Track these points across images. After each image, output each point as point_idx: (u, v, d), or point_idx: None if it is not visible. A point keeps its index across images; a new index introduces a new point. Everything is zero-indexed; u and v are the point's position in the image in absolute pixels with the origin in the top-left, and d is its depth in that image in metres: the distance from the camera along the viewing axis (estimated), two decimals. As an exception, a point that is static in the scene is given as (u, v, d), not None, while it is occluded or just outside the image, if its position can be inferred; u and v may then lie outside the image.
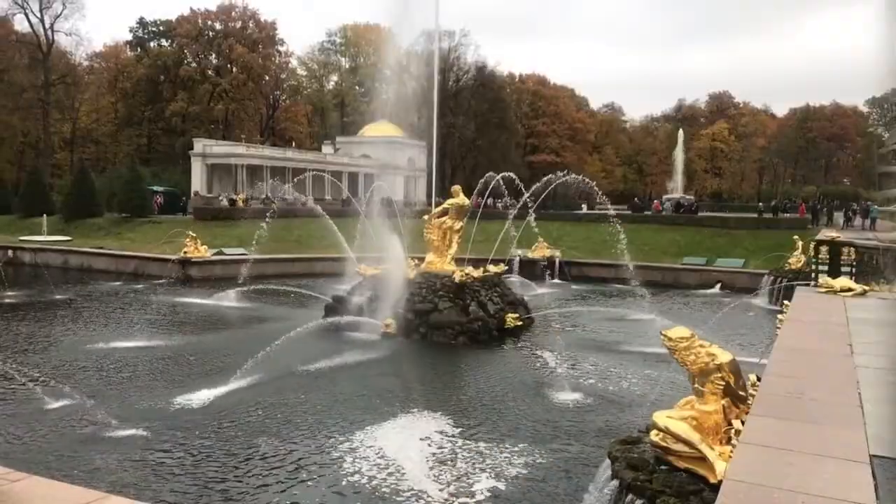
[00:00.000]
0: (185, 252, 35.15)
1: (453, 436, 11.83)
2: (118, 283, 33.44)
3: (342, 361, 17.35)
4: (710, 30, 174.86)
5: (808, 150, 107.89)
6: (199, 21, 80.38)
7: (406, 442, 11.40)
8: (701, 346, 7.13)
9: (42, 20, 68.67)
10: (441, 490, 9.66)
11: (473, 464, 10.68)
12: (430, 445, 11.36)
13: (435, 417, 12.75)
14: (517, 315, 21.50)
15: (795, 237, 32.39)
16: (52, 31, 69.70)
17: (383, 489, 9.61)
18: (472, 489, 9.74)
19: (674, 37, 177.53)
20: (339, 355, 17.70)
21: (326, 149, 77.17)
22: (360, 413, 13.00)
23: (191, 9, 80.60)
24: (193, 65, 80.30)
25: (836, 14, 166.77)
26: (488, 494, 9.61)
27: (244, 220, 40.60)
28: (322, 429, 12.05)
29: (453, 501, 9.38)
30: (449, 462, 10.69)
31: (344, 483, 9.81)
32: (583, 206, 57.86)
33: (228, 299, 26.61)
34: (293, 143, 78.64)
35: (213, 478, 9.99)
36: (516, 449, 11.21)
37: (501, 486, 9.87)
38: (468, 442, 11.54)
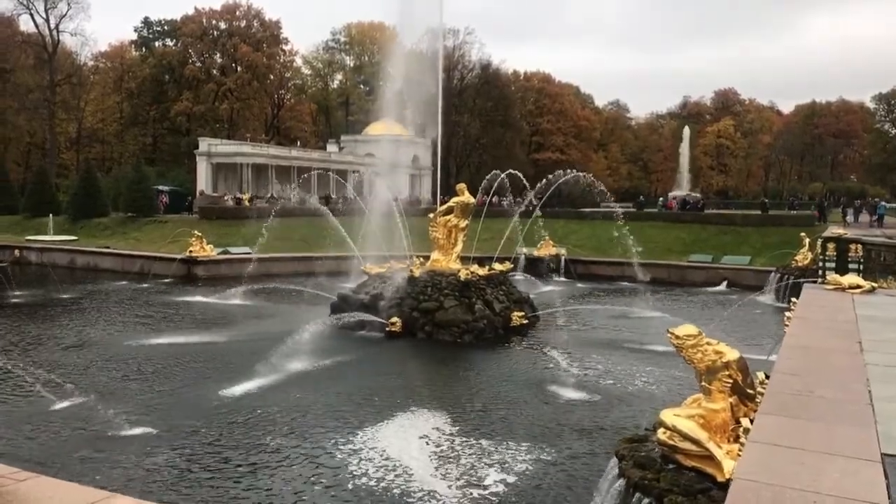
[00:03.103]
0: (190, 251, 35.24)
1: (458, 434, 11.80)
2: (124, 282, 33.52)
3: (347, 359, 17.37)
4: (715, 26, 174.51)
5: (815, 147, 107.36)
6: (204, 20, 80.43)
7: (411, 441, 11.38)
8: (708, 343, 7.10)
9: (47, 20, 68.91)
10: (449, 487, 9.65)
11: (480, 459, 10.67)
12: (433, 444, 11.33)
13: (440, 416, 12.71)
14: (523, 313, 21.46)
15: (802, 234, 32.27)
16: (58, 32, 69.95)
17: (394, 490, 9.58)
18: (479, 487, 9.71)
19: (679, 34, 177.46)
20: (344, 353, 17.71)
21: (331, 147, 77.20)
22: (365, 412, 12.98)
23: (195, 8, 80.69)
24: (198, 64, 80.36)
25: (842, 11, 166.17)
26: (495, 492, 9.58)
27: (248, 219, 40.63)
28: (326, 428, 12.03)
29: (461, 498, 9.35)
30: (454, 460, 10.66)
31: (350, 486, 9.78)
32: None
33: (234, 298, 26.64)
34: (298, 142, 78.65)
35: (220, 478, 9.99)
36: (522, 447, 11.18)
37: (507, 484, 9.84)
38: (474, 440, 11.51)
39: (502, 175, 27.42)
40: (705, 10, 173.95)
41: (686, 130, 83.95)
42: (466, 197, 22.22)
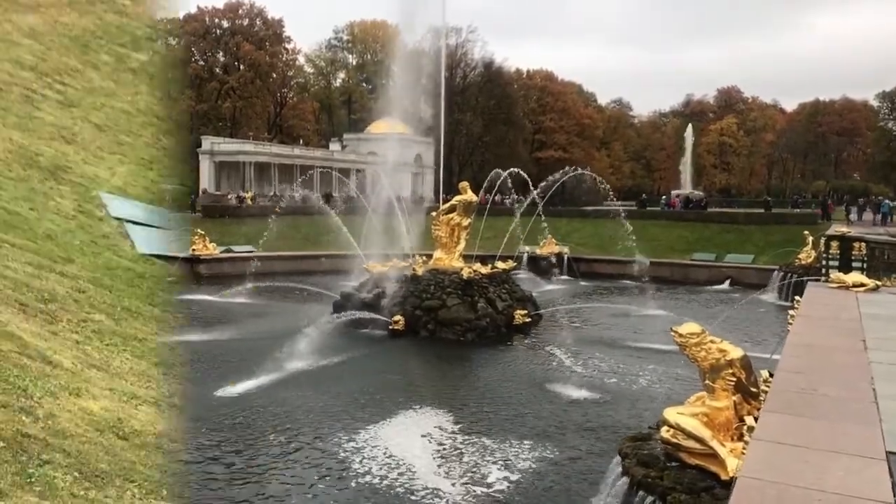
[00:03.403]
0: (193, 249, 35.24)
1: (461, 432, 11.80)
2: (127, 280, 33.48)
3: (350, 358, 17.36)
4: (717, 25, 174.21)
5: (818, 145, 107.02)
6: (207, 19, 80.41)
7: (414, 439, 11.38)
8: (712, 341, 7.09)
9: (50, 19, 68.92)
10: (452, 485, 9.65)
11: (483, 457, 10.67)
12: (436, 442, 11.34)
13: (443, 414, 12.71)
14: (525, 311, 21.43)
15: (805, 232, 32.20)
16: (61, 30, 69.97)
17: (397, 487, 9.58)
18: (482, 485, 9.71)
19: (681, 32, 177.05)
20: (347, 352, 17.69)
21: (334, 146, 77.22)
22: (368, 410, 12.98)
23: (198, 7, 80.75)
24: (201, 63, 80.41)
25: (844, 10, 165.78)
26: (498, 489, 9.58)
27: (251, 217, 40.71)
28: (329, 426, 12.03)
29: (464, 495, 9.34)
30: (457, 458, 10.66)
31: (353, 484, 9.78)
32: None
33: (237, 296, 26.64)
34: (301, 141, 78.65)
35: (222, 476, 9.98)
36: (525, 445, 11.17)
37: (510, 482, 9.84)
38: (476, 438, 11.51)
39: (505, 174, 27.36)
40: (707, 8, 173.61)
41: (689, 129, 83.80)
42: (469, 195, 22.21)
